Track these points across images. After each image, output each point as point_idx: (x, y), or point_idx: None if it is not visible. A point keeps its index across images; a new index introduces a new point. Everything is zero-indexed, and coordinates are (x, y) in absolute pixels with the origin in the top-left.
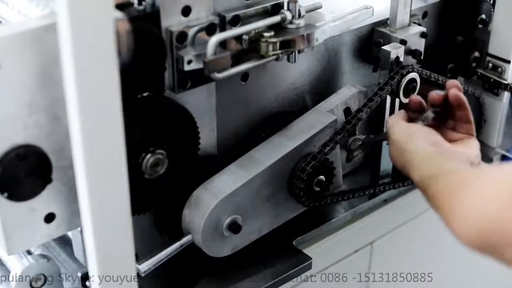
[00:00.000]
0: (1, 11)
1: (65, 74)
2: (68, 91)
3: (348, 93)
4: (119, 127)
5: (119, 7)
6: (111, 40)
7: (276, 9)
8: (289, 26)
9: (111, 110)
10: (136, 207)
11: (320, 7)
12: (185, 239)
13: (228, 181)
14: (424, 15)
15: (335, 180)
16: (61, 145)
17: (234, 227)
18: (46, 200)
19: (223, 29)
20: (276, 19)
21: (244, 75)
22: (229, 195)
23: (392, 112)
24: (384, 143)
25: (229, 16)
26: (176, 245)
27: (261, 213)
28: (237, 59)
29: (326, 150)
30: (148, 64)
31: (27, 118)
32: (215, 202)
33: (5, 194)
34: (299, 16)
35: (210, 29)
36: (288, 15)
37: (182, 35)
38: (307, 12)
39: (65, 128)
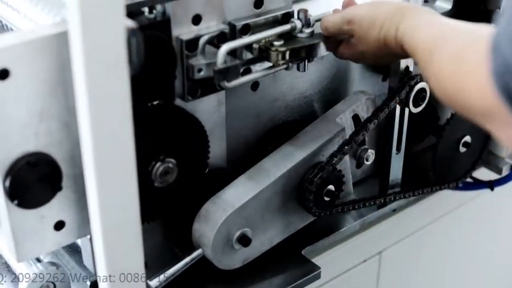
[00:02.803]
0: (13, 18)
1: (76, 82)
2: (79, 99)
3: (355, 100)
4: (129, 135)
5: (130, 15)
6: (122, 49)
7: (286, 18)
8: (299, 35)
9: (122, 118)
10: (146, 215)
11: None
12: (195, 253)
13: (237, 195)
14: None
15: (345, 188)
16: (72, 153)
17: (244, 240)
18: (56, 207)
19: (233, 37)
20: (286, 28)
21: (254, 84)
22: (238, 209)
23: (401, 122)
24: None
25: (239, 25)
26: (187, 259)
27: (271, 224)
28: (247, 68)
29: (334, 161)
30: (158, 73)
31: (38, 126)
32: (224, 217)
33: (15, 201)
34: (309, 25)
35: (220, 38)
36: (298, 24)
37: (193, 44)
38: (316, 21)
39: (76, 136)
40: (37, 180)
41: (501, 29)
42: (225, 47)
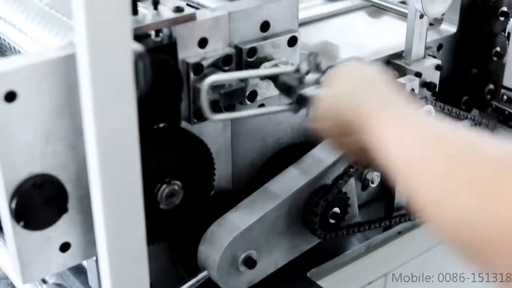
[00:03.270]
0: (20, 40)
1: (83, 104)
2: (86, 121)
3: None
4: (135, 157)
5: (136, 38)
6: (129, 71)
7: (292, 41)
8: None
9: (128, 141)
10: (152, 237)
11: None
12: (201, 275)
13: (242, 217)
14: (439, 47)
15: (350, 210)
16: (78, 175)
17: (250, 263)
18: (62, 229)
19: (239, 60)
20: (288, 69)
21: (260, 106)
22: (244, 231)
23: None
24: None
25: (245, 48)
26: (192, 281)
27: (276, 247)
28: (253, 91)
29: (339, 184)
30: (164, 95)
31: (44, 148)
32: (230, 239)
33: (22, 223)
34: (317, 69)
35: (226, 61)
36: (303, 69)
37: (199, 67)
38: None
39: (82, 158)
40: (43, 201)
41: None
42: (208, 81)
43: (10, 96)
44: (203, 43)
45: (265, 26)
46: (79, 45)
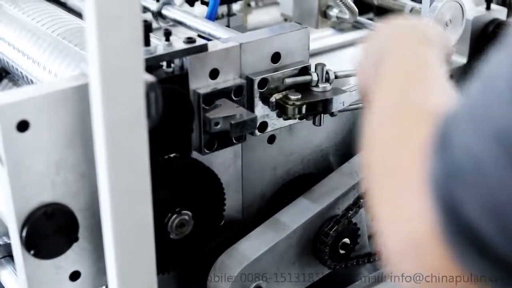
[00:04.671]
0: (33, 71)
1: (95, 134)
2: (98, 151)
3: None
4: (147, 187)
5: (148, 69)
6: (141, 102)
7: (303, 72)
8: (315, 89)
9: (139, 171)
10: (161, 267)
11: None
12: None
13: (252, 247)
14: (449, 78)
15: (360, 241)
16: (89, 204)
17: None
18: (72, 258)
19: (251, 91)
20: (305, 78)
21: (270, 137)
22: (254, 261)
23: None
24: None
25: (256, 79)
26: None
27: (286, 277)
28: (263, 122)
29: (349, 214)
30: (175, 125)
31: (55, 177)
32: (239, 269)
33: (32, 252)
34: (326, 79)
35: (237, 92)
36: (315, 77)
37: (210, 97)
38: (336, 77)
39: (93, 187)
40: (53, 230)
41: (461, 110)
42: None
43: (23, 126)
44: (214, 74)
45: (276, 57)
46: (91, 75)
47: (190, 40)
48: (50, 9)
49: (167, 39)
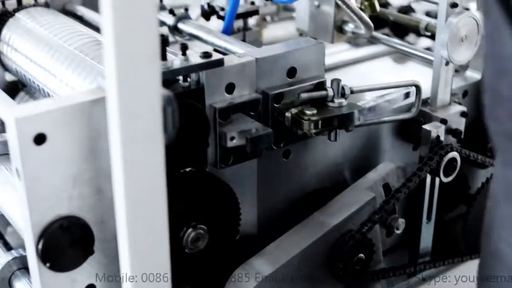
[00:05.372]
0: (50, 83)
1: (111, 148)
2: (114, 164)
3: (386, 169)
4: (163, 202)
5: (165, 83)
6: (158, 117)
7: (319, 87)
8: (331, 104)
9: (156, 185)
10: (176, 281)
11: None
12: None
13: (267, 262)
14: (465, 94)
15: (375, 256)
16: (104, 217)
17: None
18: (87, 271)
19: (266, 106)
20: (319, 94)
21: (286, 152)
22: (268, 276)
23: (432, 192)
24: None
25: (272, 94)
26: None
27: None
28: (279, 136)
29: (364, 230)
30: (191, 140)
31: (72, 190)
32: (254, 284)
33: (48, 264)
34: (342, 95)
35: (253, 106)
36: (330, 93)
37: (226, 112)
38: (352, 92)
39: (108, 200)
40: (69, 243)
41: None
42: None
43: (40, 139)
44: (230, 88)
45: (292, 72)
46: (108, 89)
47: (206, 54)
48: (67, 23)
49: (184, 54)
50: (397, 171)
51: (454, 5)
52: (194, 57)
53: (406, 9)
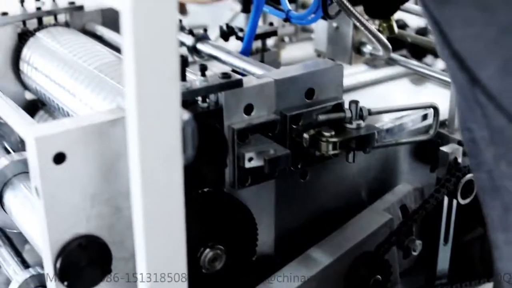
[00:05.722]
0: (69, 103)
1: (131, 168)
2: (133, 184)
3: (403, 190)
4: (181, 222)
5: (184, 103)
6: (177, 137)
7: (337, 109)
8: (349, 125)
9: (174, 206)
10: None
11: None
12: None
13: (284, 283)
14: None
15: (392, 278)
16: (122, 237)
17: None
18: None
19: (284, 127)
20: (337, 115)
21: (303, 173)
22: None
23: (449, 213)
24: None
25: (290, 115)
26: None
27: None
28: (296, 156)
29: (381, 251)
30: (210, 160)
31: (90, 209)
32: None
33: (66, 283)
34: (360, 116)
35: (271, 128)
36: (348, 114)
37: (244, 133)
38: (370, 114)
39: (127, 220)
40: (87, 262)
41: None
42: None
43: (59, 158)
44: (249, 109)
45: (310, 93)
46: (128, 110)
47: (225, 75)
48: (87, 42)
49: (203, 74)
50: (415, 193)
51: None
52: (213, 78)
53: (424, 31)
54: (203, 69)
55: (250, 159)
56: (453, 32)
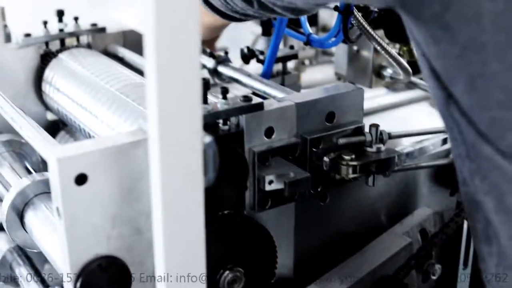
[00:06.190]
0: (90, 124)
1: (152, 190)
2: (154, 206)
3: (423, 214)
4: (201, 245)
5: (205, 126)
6: (198, 160)
7: (357, 132)
8: (369, 149)
9: (195, 228)
10: None
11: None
12: None
13: None
14: None
15: None
16: (142, 258)
17: None
18: None
19: (304, 150)
20: (357, 139)
21: (323, 196)
22: None
23: (469, 238)
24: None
25: (310, 138)
26: None
27: None
28: (317, 178)
29: (400, 275)
30: (230, 183)
31: (111, 230)
32: None
33: None
34: (380, 140)
35: (291, 151)
36: (369, 138)
37: (264, 156)
38: (390, 138)
39: (147, 241)
40: (107, 283)
41: None
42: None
43: (81, 179)
44: (269, 132)
45: (330, 117)
46: (150, 132)
47: (246, 98)
48: (109, 64)
49: (224, 97)
50: (434, 217)
51: None
52: (235, 101)
53: None
54: (225, 92)
55: (270, 182)
56: (429, 49)
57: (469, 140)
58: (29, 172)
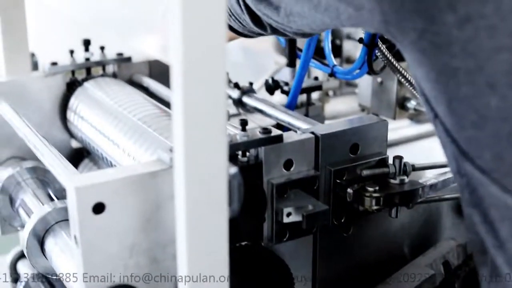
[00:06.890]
0: (112, 152)
1: (177, 220)
2: (179, 236)
3: (446, 246)
4: (225, 277)
5: None
6: (223, 191)
7: (381, 164)
8: (393, 181)
9: (219, 259)
10: None
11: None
12: None
13: None
14: None
15: None
16: (158, 287)
17: None
18: None
19: (328, 182)
20: (381, 170)
21: (346, 227)
22: None
23: None
24: None
25: (334, 169)
26: None
27: None
28: (337, 211)
29: None
30: (249, 215)
31: (128, 259)
32: None
33: None
34: (404, 172)
35: (310, 183)
36: (392, 170)
37: (283, 188)
38: (414, 170)
39: (164, 270)
40: None
41: None
42: None
43: (99, 208)
44: (288, 164)
45: (354, 148)
46: (176, 163)
47: (266, 130)
48: (133, 93)
49: (244, 129)
50: (457, 249)
51: None
52: (254, 133)
53: None
54: (244, 124)
55: (289, 214)
56: (416, 72)
57: (456, 157)
58: (52, 199)
